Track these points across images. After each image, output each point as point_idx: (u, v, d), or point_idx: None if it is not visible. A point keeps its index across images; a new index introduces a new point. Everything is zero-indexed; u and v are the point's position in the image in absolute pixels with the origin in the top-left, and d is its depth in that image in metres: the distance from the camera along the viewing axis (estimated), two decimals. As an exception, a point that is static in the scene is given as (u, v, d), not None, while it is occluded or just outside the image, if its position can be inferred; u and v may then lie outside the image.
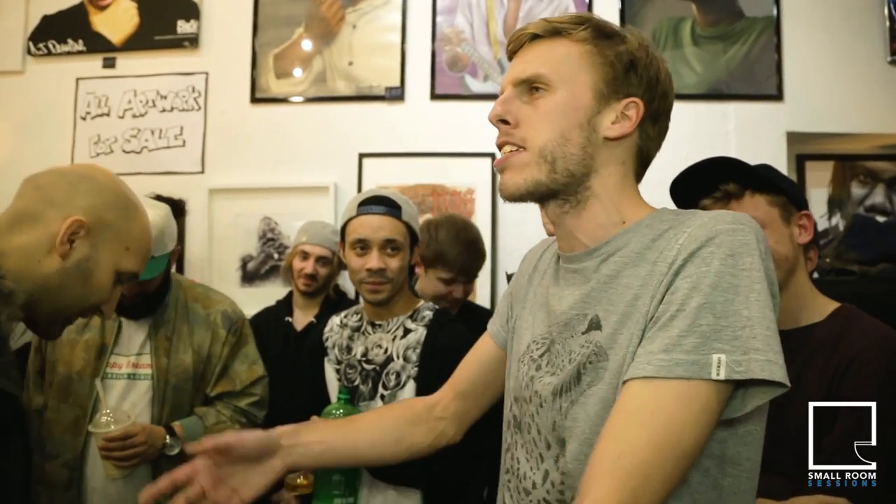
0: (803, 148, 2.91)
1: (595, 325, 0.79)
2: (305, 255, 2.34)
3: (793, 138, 2.73)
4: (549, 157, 0.81)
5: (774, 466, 1.17)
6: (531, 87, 0.84)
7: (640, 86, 0.83)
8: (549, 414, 0.81)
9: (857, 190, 2.96)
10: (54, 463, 1.68)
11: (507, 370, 0.98)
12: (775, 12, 2.76)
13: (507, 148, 0.85)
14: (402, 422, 1.11)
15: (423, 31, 2.85)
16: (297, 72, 2.90)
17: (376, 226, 1.51)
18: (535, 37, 0.85)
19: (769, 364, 0.67)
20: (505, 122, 0.84)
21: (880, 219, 2.77)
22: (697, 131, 2.69)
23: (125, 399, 1.68)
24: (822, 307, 1.25)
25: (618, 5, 2.81)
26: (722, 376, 0.66)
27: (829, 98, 2.73)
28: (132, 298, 1.67)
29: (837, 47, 2.75)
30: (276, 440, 1.00)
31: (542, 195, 0.84)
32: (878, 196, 2.94)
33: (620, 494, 0.64)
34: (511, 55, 0.89)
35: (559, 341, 0.84)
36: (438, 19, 2.85)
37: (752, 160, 1.28)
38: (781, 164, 2.63)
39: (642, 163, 0.87)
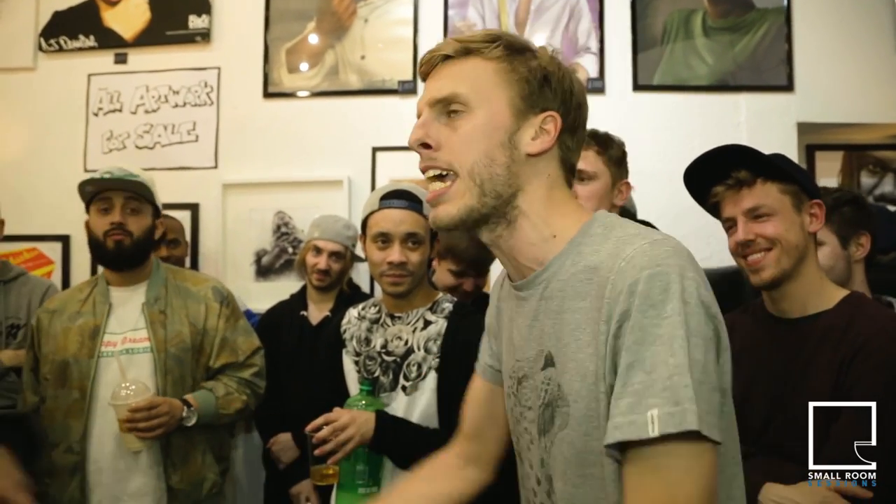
0: (813, 138, 2.93)
1: (550, 361, 0.80)
2: (318, 251, 2.36)
3: (803, 129, 2.75)
4: (478, 180, 0.81)
5: (785, 453, 1.19)
6: (448, 108, 0.83)
7: (556, 99, 0.83)
8: (537, 451, 0.83)
9: (866, 179, 2.98)
10: (58, 450, 1.70)
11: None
12: (785, 3, 2.77)
13: (431, 172, 0.84)
14: (437, 483, 1.09)
15: (434, 24, 2.86)
16: (310, 66, 2.91)
17: (398, 220, 1.52)
18: (448, 57, 0.84)
19: (703, 417, 0.65)
20: (426, 146, 0.83)
21: (891, 208, 2.80)
22: (708, 122, 2.71)
23: (127, 373, 1.69)
24: (830, 295, 1.27)
25: (629, -2, 2.82)
26: (656, 432, 0.65)
27: (839, 88, 2.74)
28: (114, 245, 1.74)
29: (847, 38, 2.76)
30: None
31: (473, 221, 0.83)
32: (888, 185, 2.97)
33: None
34: (424, 76, 0.88)
35: (530, 376, 0.84)
36: (450, 13, 2.86)
37: (765, 150, 1.30)
38: (792, 155, 2.64)
39: (568, 170, 0.87)
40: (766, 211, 1.25)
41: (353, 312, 1.69)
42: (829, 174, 2.97)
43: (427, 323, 1.56)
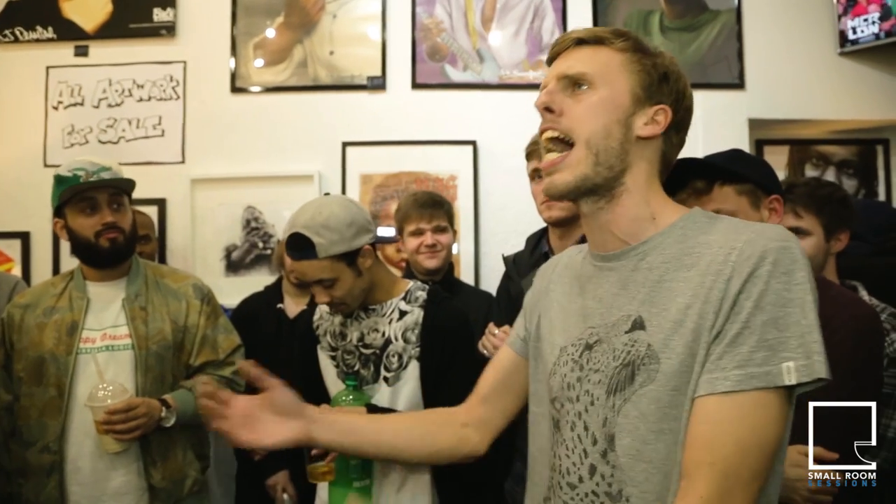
0: (762, 133, 3.10)
1: (639, 325, 0.85)
2: None
3: (754, 124, 2.91)
4: (594, 149, 0.89)
5: None
6: (575, 83, 0.91)
7: (670, 96, 0.92)
8: (600, 411, 0.86)
9: (810, 172, 3.17)
10: (33, 449, 1.66)
11: (534, 376, 1.03)
12: (736, 4, 2.92)
13: (550, 133, 0.92)
14: (429, 422, 1.16)
15: (402, 21, 2.89)
16: (278, 61, 2.90)
17: (301, 271, 1.52)
18: (580, 42, 0.94)
19: (826, 364, 0.76)
20: (549, 110, 0.91)
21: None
22: (667, 118, 2.83)
23: (106, 371, 1.67)
24: None
25: (591, -3, 2.92)
26: (794, 381, 0.75)
27: (786, 87, 2.91)
28: (108, 244, 1.72)
29: (793, 40, 2.93)
30: (306, 407, 1.09)
31: (587, 189, 0.91)
32: (829, 177, 3.16)
33: (720, 497, 0.74)
34: (554, 56, 0.96)
35: (605, 340, 0.89)
36: (418, 10, 2.90)
37: (718, 145, 1.37)
38: (744, 149, 2.79)
39: (664, 166, 0.95)
40: (727, 213, 1.33)
41: (324, 308, 1.67)
42: (776, 168, 3.08)
43: (402, 313, 1.58)
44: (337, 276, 1.50)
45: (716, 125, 2.84)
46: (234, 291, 2.70)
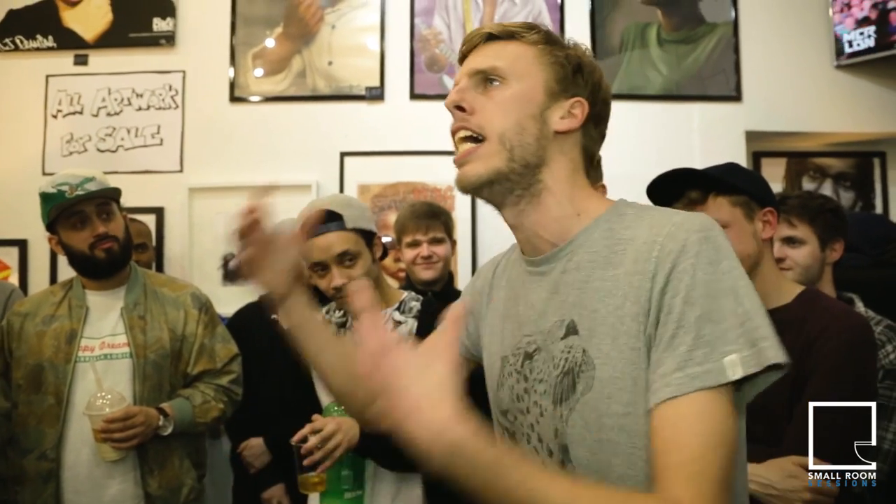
0: (759, 145, 3.11)
1: (572, 329, 0.82)
2: None
3: (751, 136, 2.92)
4: (508, 145, 0.85)
5: (751, 436, 1.29)
6: (487, 79, 0.88)
7: (586, 88, 0.89)
8: (550, 422, 0.83)
9: (807, 184, 3.18)
10: (30, 456, 1.66)
11: (489, 388, 0.98)
12: (733, 17, 2.94)
13: (462, 133, 0.88)
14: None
15: (401, 32, 2.91)
16: (277, 71, 2.92)
17: (324, 246, 1.51)
18: (491, 37, 0.91)
19: (778, 348, 0.73)
20: (461, 108, 0.88)
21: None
22: (665, 129, 2.85)
23: (104, 379, 1.67)
24: (788, 291, 1.36)
25: (587, 10, 2.94)
26: (739, 374, 0.70)
27: (783, 99, 2.93)
28: (104, 254, 1.72)
29: (790, 53, 2.95)
30: (299, 284, 1.07)
31: (499, 185, 0.86)
32: (826, 190, 3.17)
33: (700, 497, 0.69)
34: (465, 54, 0.93)
35: (543, 348, 0.86)
36: (416, 20, 2.92)
37: (715, 157, 1.38)
38: (741, 162, 2.80)
39: (588, 160, 0.92)
40: (720, 225, 1.35)
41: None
42: (773, 180, 3.15)
43: (397, 323, 1.58)
44: (359, 252, 1.52)
45: (713, 138, 2.86)
46: (231, 300, 2.68)
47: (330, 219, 1.51)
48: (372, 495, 1.51)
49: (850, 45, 2.88)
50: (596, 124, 0.92)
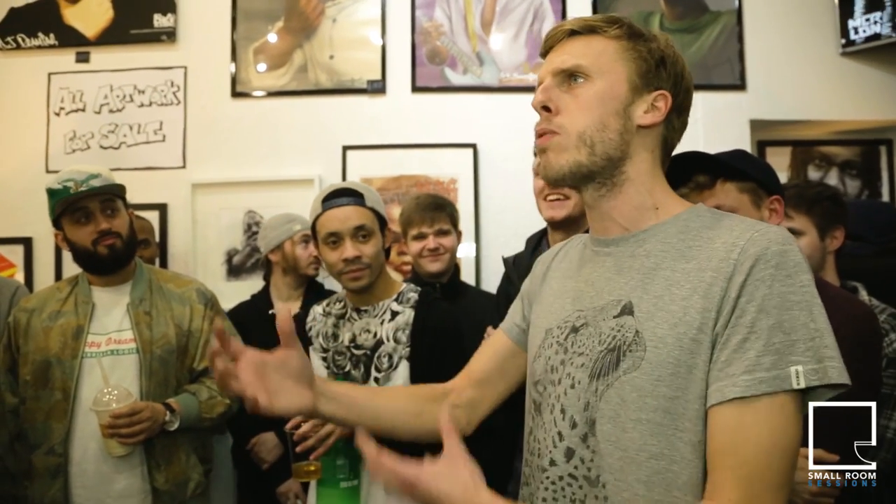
0: (764, 134, 3.08)
1: (628, 310, 0.84)
2: (307, 240, 2.39)
3: (755, 125, 2.89)
4: (589, 142, 0.88)
5: None
6: (570, 76, 0.90)
7: (669, 80, 0.90)
8: (582, 395, 0.86)
9: (813, 173, 3.15)
10: (38, 452, 1.68)
11: (529, 361, 1.02)
12: (737, 5, 2.91)
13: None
14: (423, 398, 1.13)
15: (402, 24, 2.90)
16: (278, 66, 2.91)
17: (343, 217, 1.55)
18: (573, 33, 0.92)
19: (843, 370, 0.76)
20: (546, 108, 0.90)
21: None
22: (668, 120, 2.82)
23: (111, 375, 1.69)
24: None
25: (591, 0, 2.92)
26: (802, 385, 0.74)
27: (788, 87, 2.90)
28: (106, 250, 1.72)
29: (794, 40, 2.92)
30: (315, 375, 1.01)
31: (582, 176, 0.90)
32: (832, 179, 3.15)
33: (754, 500, 0.72)
34: (547, 50, 0.95)
35: (592, 324, 0.88)
36: (417, 13, 2.90)
37: (719, 146, 1.37)
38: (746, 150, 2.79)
39: (666, 152, 0.94)
40: (727, 210, 1.34)
41: (317, 309, 1.70)
42: (778, 169, 3.09)
43: (394, 314, 1.59)
44: (374, 231, 1.58)
45: (717, 127, 2.83)
46: (235, 295, 2.69)
47: (350, 195, 1.58)
48: (368, 485, 1.52)
49: (856, 31, 2.85)
50: (679, 114, 0.93)
